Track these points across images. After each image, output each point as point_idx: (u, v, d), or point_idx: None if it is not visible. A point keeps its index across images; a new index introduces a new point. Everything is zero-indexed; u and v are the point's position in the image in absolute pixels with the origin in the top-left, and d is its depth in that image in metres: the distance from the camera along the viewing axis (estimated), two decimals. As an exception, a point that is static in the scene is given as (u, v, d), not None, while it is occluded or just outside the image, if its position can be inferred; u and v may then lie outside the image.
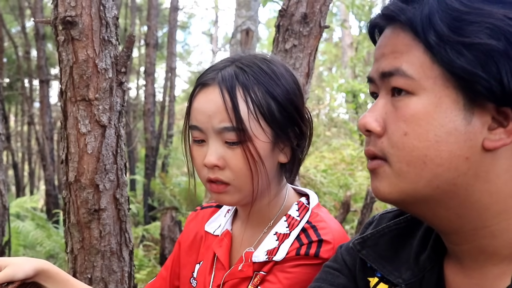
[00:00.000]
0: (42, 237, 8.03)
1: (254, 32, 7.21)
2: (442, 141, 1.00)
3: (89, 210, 2.27)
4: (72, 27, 2.14)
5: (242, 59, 1.56)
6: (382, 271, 1.21)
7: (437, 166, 1.01)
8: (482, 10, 0.97)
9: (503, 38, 0.95)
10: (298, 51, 2.80)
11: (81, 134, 2.22)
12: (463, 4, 0.99)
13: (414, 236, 1.21)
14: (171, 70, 13.16)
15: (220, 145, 1.50)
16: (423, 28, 1.01)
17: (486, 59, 0.95)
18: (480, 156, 0.99)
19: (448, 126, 0.99)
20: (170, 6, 12.85)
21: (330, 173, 10.02)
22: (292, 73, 1.61)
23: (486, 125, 0.99)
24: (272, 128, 1.51)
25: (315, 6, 2.77)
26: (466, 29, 0.97)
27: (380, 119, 1.07)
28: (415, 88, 1.02)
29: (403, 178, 1.05)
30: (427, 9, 1.01)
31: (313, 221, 1.58)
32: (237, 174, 1.50)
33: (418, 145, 1.01)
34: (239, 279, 1.60)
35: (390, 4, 1.08)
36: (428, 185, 1.03)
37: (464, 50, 0.97)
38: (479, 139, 0.99)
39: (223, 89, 1.48)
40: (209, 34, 30.29)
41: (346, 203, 5.72)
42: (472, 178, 1.01)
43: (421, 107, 1.01)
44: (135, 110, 17.36)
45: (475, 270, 1.08)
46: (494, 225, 1.03)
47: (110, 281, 2.34)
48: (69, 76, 2.19)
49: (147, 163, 12.11)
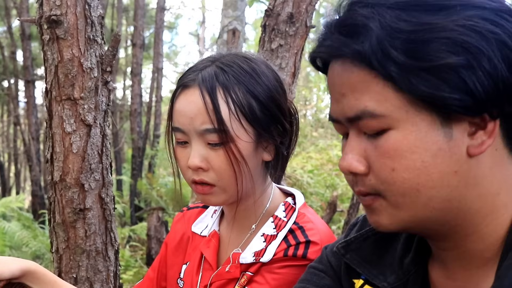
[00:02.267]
0: (28, 237, 8.00)
1: (240, 32, 7.21)
2: (430, 165, 0.98)
3: (74, 210, 2.27)
4: (57, 26, 2.13)
5: (223, 59, 1.55)
6: (367, 275, 1.21)
7: (430, 189, 1.00)
8: (431, 25, 0.94)
9: (461, 50, 0.93)
10: (284, 51, 2.80)
11: (66, 133, 2.21)
12: (410, 22, 0.95)
13: (397, 239, 1.21)
14: (157, 70, 13.14)
15: (203, 147, 1.50)
16: (378, 60, 0.96)
17: (451, 77, 0.93)
18: (467, 164, 0.99)
19: (432, 148, 0.98)
20: (157, 6, 12.82)
21: (317, 174, 10.04)
22: (274, 71, 1.60)
23: (466, 132, 0.98)
24: (254, 128, 1.50)
25: (301, 6, 2.76)
26: (423, 51, 0.94)
27: (361, 159, 1.04)
28: (389, 123, 0.99)
29: (400, 209, 1.04)
30: (375, 38, 0.96)
31: (300, 222, 1.58)
32: (221, 175, 1.50)
33: (409, 177, 1.00)
34: (226, 280, 1.59)
35: (330, 37, 1.03)
36: (425, 209, 1.02)
37: (426, 75, 0.94)
38: (463, 149, 0.98)
39: (203, 91, 1.47)
40: (196, 34, 30.24)
41: (333, 203, 5.72)
42: (463, 188, 1.00)
43: (401, 139, 0.99)
44: (121, 111, 17.30)
45: (459, 273, 1.08)
46: (484, 228, 1.03)
47: (95, 280, 2.34)
48: (54, 75, 2.18)
49: (133, 164, 12.09)
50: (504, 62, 0.94)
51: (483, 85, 0.93)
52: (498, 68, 0.93)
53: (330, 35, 1.03)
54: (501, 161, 1.01)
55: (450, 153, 0.98)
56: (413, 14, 0.96)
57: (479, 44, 0.93)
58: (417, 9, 0.96)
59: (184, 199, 8.45)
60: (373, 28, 0.96)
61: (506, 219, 1.02)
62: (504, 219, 1.02)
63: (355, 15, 1.00)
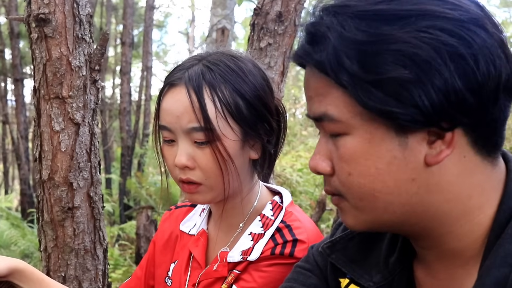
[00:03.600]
0: (17, 236, 7.99)
1: (229, 31, 7.20)
2: (384, 172, 1.00)
3: (62, 208, 2.26)
4: (46, 25, 2.12)
5: (209, 57, 1.55)
6: (352, 275, 1.22)
7: (386, 195, 1.01)
8: (385, 36, 0.94)
9: (409, 63, 0.92)
10: (273, 50, 2.80)
11: (54, 132, 2.21)
12: (367, 33, 0.96)
13: (382, 238, 1.21)
14: (147, 69, 13.13)
15: (189, 145, 1.50)
16: (332, 69, 0.98)
17: (397, 91, 0.93)
18: (426, 172, 0.99)
19: (386, 156, 0.99)
20: (146, 5, 12.83)
21: (306, 172, 10.02)
22: (261, 69, 1.60)
23: (425, 141, 0.98)
24: (240, 126, 1.50)
25: (290, 4, 2.77)
26: (372, 63, 0.94)
27: (327, 160, 1.07)
28: (345, 129, 1.01)
29: (361, 211, 1.06)
30: (331, 48, 0.98)
31: (288, 221, 1.59)
32: (207, 173, 1.50)
33: (364, 182, 1.02)
34: (213, 278, 1.60)
35: (299, 47, 1.06)
36: (385, 212, 1.04)
37: (373, 89, 0.95)
38: (420, 158, 0.98)
39: (189, 89, 1.48)
40: (185, 33, 30.22)
41: (322, 202, 5.73)
42: (425, 194, 1.01)
43: (356, 145, 1.00)
44: (111, 109, 17.28)
45: (442, 272, 1.09)
46: (459, 229, 1.03)
47: (84, 279, 2.33)
48: (43, 73, 2.17)
49: (123, 162, 12.08)
50: (458, 75, 0.92)
51: (431, 99, 0.93)
52: (449, 82, 0.92)
53: (300, 42, 1.06)
54: (472, 167, 1.01)
55: (406, 161, 0.99)
56: (371, 24, 0.96)
57: (429, 56, 0.92)
58: (377, 19, 0.96)
59: (173, 197, 8.45)
60: (331, 38, 0.98)
61: (483, 220, 1.03)
62: (480, 220, 1.03)
63: (319, 24, 1.02)
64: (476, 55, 0.92)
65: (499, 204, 1.03)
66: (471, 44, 0.93)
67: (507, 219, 1.01)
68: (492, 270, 0.97)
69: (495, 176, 1.04)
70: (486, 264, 0.99)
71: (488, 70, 0.93)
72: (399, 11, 0.95)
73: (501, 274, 0.96)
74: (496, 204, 1.03)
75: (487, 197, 1.03)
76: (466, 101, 0.93)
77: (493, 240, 1.01)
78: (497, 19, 1.00)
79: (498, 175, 1.04)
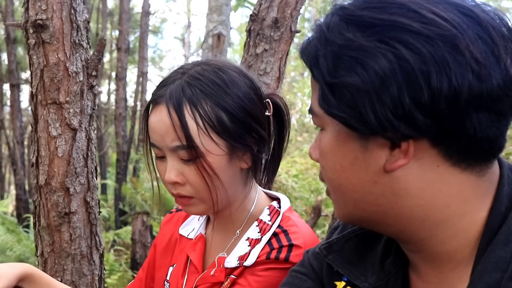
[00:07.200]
0: (13, 241, 7.95)
1: (225, 37, 7.22)
2: (348, 170, 1.03)
3: (59, 213, 2.27)
4: (43, 30, 2.13)
5: (191, 70, 1.54)
6: (348, 276, 1.22)
7: (352, 192, 1.05)
8: (351, 42, 0.96)
9: (360, 71, 0.93)
10: (269, 56, 2.81)
11: (51, 137, 2.21)
12: (343, 37, 0.97)
13: (378, 240, 1.22)
14: (142, 74, 13.09)
15: (177, 162, 1.51)
16: (311, 67, 1.02)
17: (347, 96, 0.95)
18: (388, 177, 1.00)
19: (349, 156, 1.02)
20: (142, 10, 12.79)
21: (302, 178, 10.02)
22: (248, 77, 1.58)
23: (386, 147, 0.98)
24: (225, 140, 1.50)
25: (286, 11, 2.78)
26: (334, 65, 0.97)
27: (317, 150, 1.11)
28: (322, 124, 1.06)
29: (339, 204, 1.11)
30: (313, 46, 1.02)
31: (285, 226, 1.59)
32: (196, 188, 1.52)
33: (332, 177, 1.07)
34: (210, 283, 1.61)
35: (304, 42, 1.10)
36: (357, 208, 1.07)
37: (328, 91, 0.98)
38: (380, 163, 1.00)
39: (170, 108, 1.48)
40: (181, 39, 30.20)
41: (317, 207, 5.73)
42: (392, 197, 1.02)
43: (327, 141, 1.05)
44: (106, 115, 17.23)
45: (433, 275, 1.10)
46: (440, 234, 1.04)
47: (80, 284, 2.34)
48: (40, 79, 2.18)
49: (118, 168, 12.04)
50: (407, 89, 0.92)
51: (374, 110, 0.94)
52: (396, 95, 0.92)
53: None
54: (449, 177, 1.00)
55: (366, 163, 1.01)
56: (350, 28, 0.98)
57: (380, 68, 0.93)
58: (356, 24, 0.98)
59: (168, 203, 8.44)
60: (315, 38, 1.03)
61: (470, 225, 1.03)
62: (465, 225, 1.03)
63: (317, 25, 1.05)
64: (429, 71, 0.91)
65: (490, 209, 1.03)
66: (427, 60, 0.91)
67: (498, 224, 1.01)
68: (484, 276, 0.98)
69: (482, 185, 1.03)
70: (478, 269, 1.00)
71: (440, 88, 0.91)
72: (373, 19, 0.96)
73: (492, 280, 0.97)
74: (487, 209, 1.03)
75: (471, 206, 1.03)
76: (413, 116, 0.93)
77: (485, 245, 1.01)
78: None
79: (487, 183, 1.04)
